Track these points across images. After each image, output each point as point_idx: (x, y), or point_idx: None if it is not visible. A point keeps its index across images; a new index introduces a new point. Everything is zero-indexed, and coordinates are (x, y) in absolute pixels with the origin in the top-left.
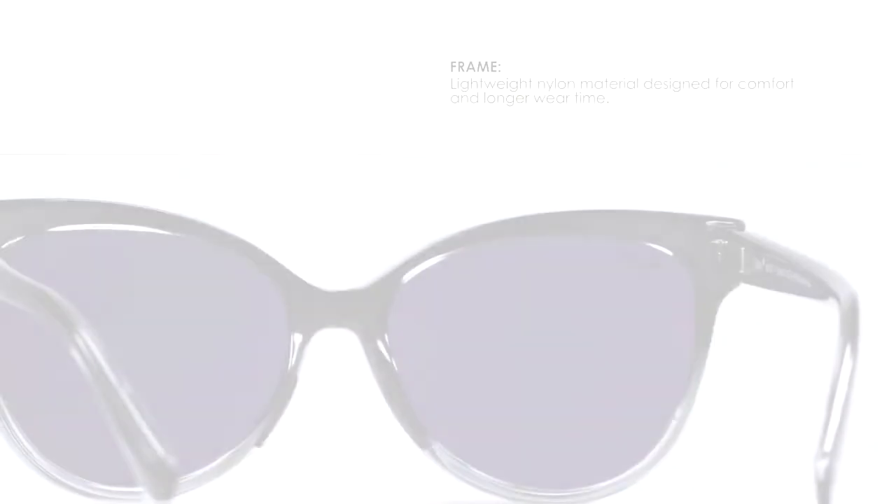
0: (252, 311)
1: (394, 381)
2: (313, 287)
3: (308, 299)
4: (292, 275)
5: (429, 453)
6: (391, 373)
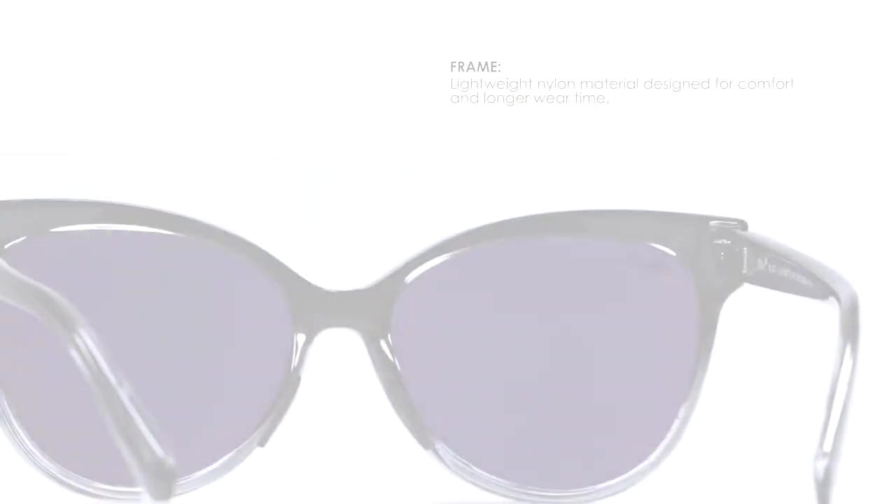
0: (255, 312)
1: (397, 381)
2: (316, 287)
3: (311, 300)
4: (295, 275)
5: (432, 453)
6: (394, 373)
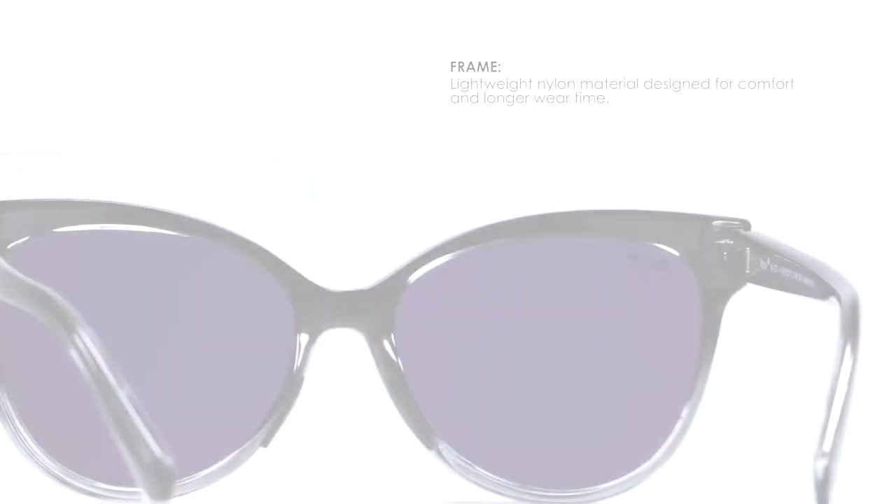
0: (258, 312)
1: (400, 381)
2: (319, 287)
3: (314, 299)
4: (298, 275)
5: (435, 453)
6: (397, 373)
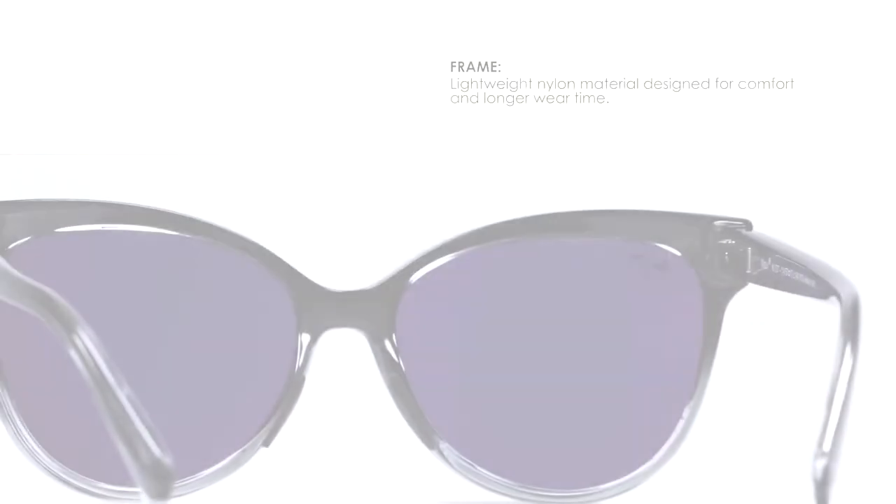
0: (260, 312)
1: (401, 381)
2: (321, 287)
3: (315, 299)
4: (300, 275)
5: (436, 453)
6: (398, 373)
